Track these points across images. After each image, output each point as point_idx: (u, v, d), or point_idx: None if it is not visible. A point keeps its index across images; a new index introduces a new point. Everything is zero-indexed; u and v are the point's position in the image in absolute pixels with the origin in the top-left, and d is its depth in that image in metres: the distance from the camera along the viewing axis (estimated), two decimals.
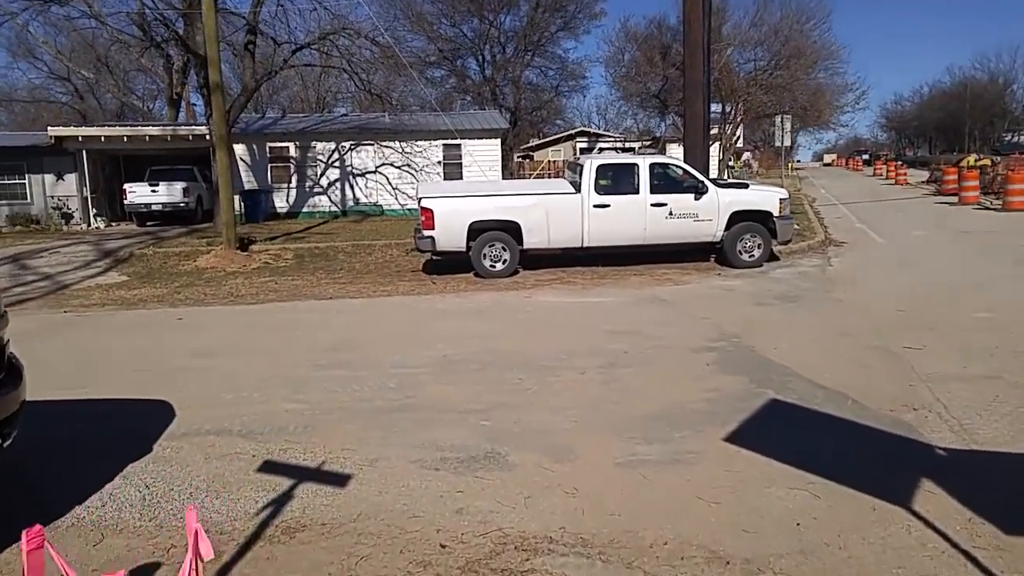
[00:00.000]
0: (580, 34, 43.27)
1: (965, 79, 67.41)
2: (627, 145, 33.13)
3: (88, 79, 31.67)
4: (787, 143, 26.19)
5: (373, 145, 23.71)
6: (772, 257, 11.83)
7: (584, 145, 36.71)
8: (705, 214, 11.36)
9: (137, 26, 18.02)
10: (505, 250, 11.32)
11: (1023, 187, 17.91)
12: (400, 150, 23.69)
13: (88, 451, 4.65)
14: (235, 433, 4.88)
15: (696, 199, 11.35)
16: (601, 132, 41.90)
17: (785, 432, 4.67)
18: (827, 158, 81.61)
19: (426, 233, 11.25)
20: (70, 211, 22.21)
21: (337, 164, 23.79)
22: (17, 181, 22.17)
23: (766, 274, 10.86)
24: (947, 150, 59.86)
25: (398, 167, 23.77)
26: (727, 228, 11.38)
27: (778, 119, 25.64)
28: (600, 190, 11.42)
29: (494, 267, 11.32)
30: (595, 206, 11.33)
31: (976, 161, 25.61)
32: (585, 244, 11.46)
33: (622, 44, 34.38)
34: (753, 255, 11.38)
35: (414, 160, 23.70)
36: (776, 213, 11.42)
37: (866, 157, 64.31)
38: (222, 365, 6.64)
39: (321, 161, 23.67)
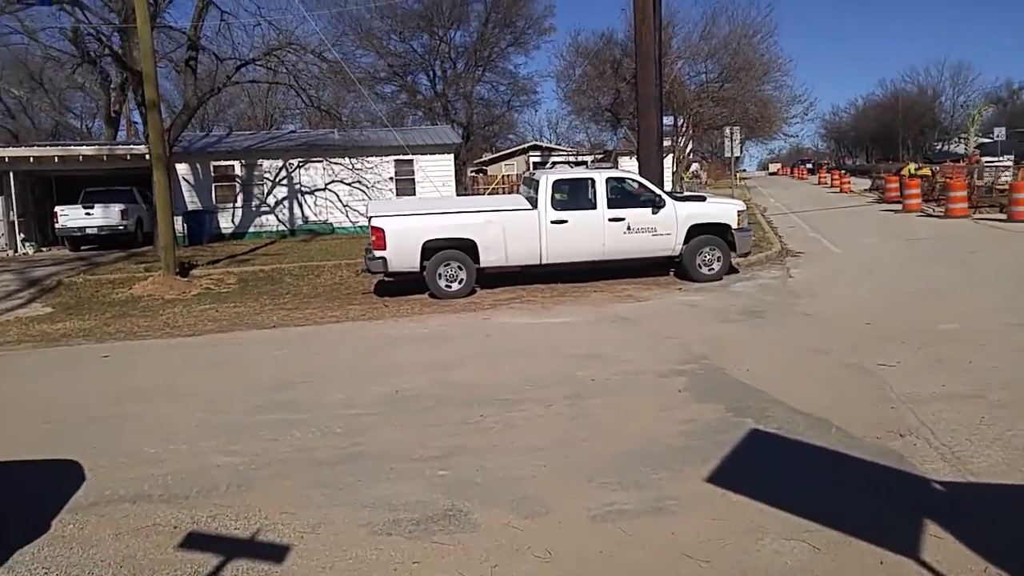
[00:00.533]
0: (530, 49, 43.40)
1: (896, 91, 69.85)
2: (580, 159, 33.05)
3: (19, 97, 30.10)
4: (737, 154, 26.38)
5: (322, 162, 23.01)
6: (732, 270, 11.62)
7: (537, 159, 36.58)
8: (663, 228, 11.08)
9: (70, 41, 17.02)
10: (461, 269, 10.83)
11: (963, 195, 18.38)
12: (350, 167, 23.03)
13: None
14: (156, 498, 4.26)
15: (654, 213, 11.08)
16: (554, 146, 41.91)
17: (771, 469, 4.28)
18: (772, 167, 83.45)
19: (377, 253, 10.69)
20: None
21: (285, 182, 23.00)
22: None
23: (727, 288, 10.61)
24: (883, 158, 61.75)
25: (348, 184, 23.10)
26: (686, 242, 11.13)
27: (727, 130, 25.84)
28: (557, 206, 11.07)
29: (450, 287, 10.81)
30: (552, 222, 10.97)
31: (916, 170, 26.23)
32: (544, 261, 11.06)
33: (572, 59, 34.38)
34: (713, 268, 11.14)
35: (365, 177, 23.07)
36: (735, 225, 11.23)
37: (810, 166, 65.89)
38: (148, 412, 5.97)
39: (268, 179, 22.86)
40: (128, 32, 16.75)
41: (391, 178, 23.34)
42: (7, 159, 20.25)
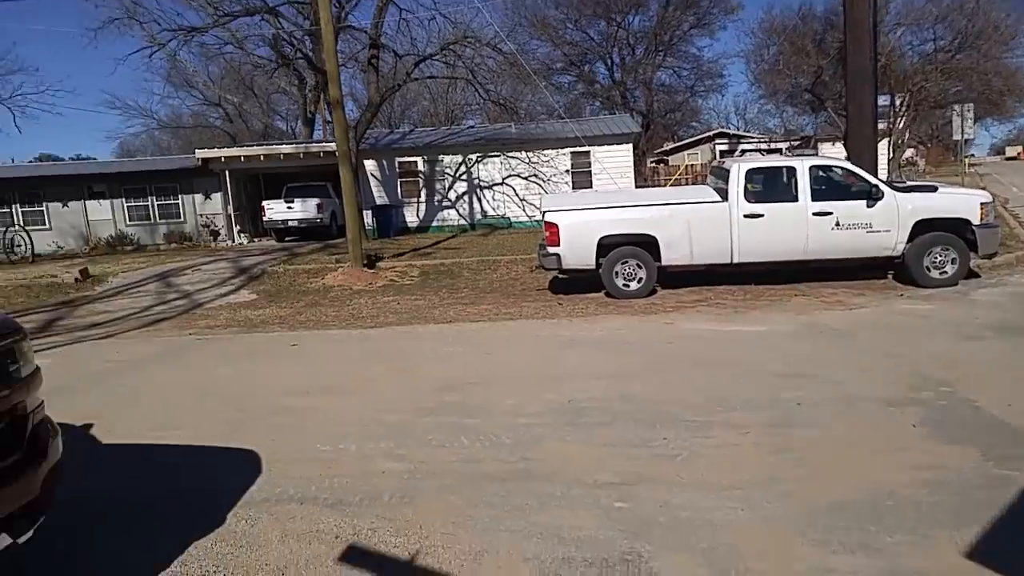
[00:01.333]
0: (716, 30, 40.92)
1: None
2: (772, 146, 30.52)
3: (235, 103, 33.75)
4: (969, 136, 22.62)
5: (500, 156, 23.22)
6: (970, 273, 9.81)
7: (724, 148, 34.44)
8: (881, 223, 9.60)
9: (270, 47, 18.62)
10: (640, 268, 10.13)
11: None
12: (527, 160, 23.03)
13: (151, 519, 4.01)
14: (321, 502, 4.11)
15: (869, 206, 9.62)
16: (742, 133, 39.35)
17: None
18: (1010, 151, 72.25)
19: (551, 250, 10.29)
20: (217, 228, 23.41)
21: (464, 177, 23.52)
22: (172, 201, 23.75)
23: (966, 296, 8.93)
24: None
25: (525, 178, 23.13)
26: (910, 240, 9.55)
27: (957, 108, 22.25)
28: (751, 197, 9.99)
29: (628, 287, 10.16)
30: (745, 216, 9.91)
31: None
32: (735, 260, 10.03)
33: (765, 37, 31.70)
34: (946, 272, 9.45)
35: (541, 170, 22.96)
36: (976, 221, 9.43)
37: None
38: (324, 405, 5.98)
39: (449, 174, 23.51)
40: (317, 35, 17.89)
41: (567, 171, 23.03)
42: (223, 159, 22.63)
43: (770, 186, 10.26)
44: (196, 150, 23.34)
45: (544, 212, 10.61)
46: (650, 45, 38.37)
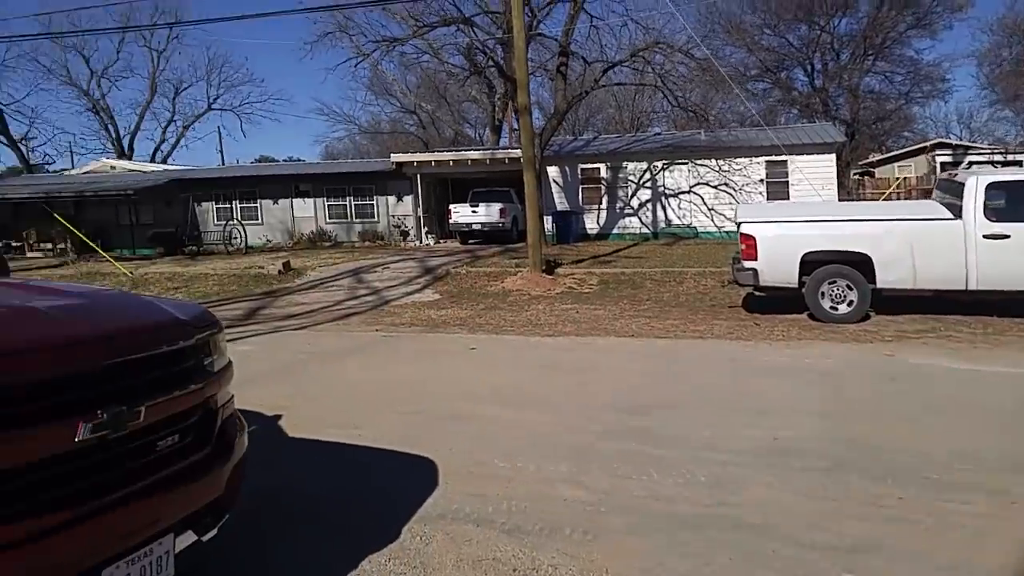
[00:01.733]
0: (939, 30, 36.47)
1: None
2: (1009, 158, 26.47)
3: (428, 111, 35.57)
4: None
5: (687, 164, 22.28)
6: None
7: (946, 159, 30.54)
8: None
9: (463, 56, 19.22)
10: (851, 289, 9.00)
11: None
12: (717, 168, 21.89)
13: (323, 526, 3.89)
14: (498, 526, 3.81)
15: None
16: (967, 143, 34.76)
17: None
18: None
19: (747, 264, 9.44)
20: (406, 229, 24.64)
21: (648, 184, 22.84)
22: (367, 202, 25.37)
23: None
24: None
25: (714, 187, 21.99)
26: None
27: None
28: (993, 216, 8.55)
29: (836, 309, 9.06)
30: (986, 237, 8.47)
31: None
32: (971, 287, 8.59)
33: (1004, 35, 27.66)
34: None
35: (732, 179, 21.70)
36: None
37: None
38: (500, 417, 5.74)
39: (632, 182, 22.95)
40: (509, 44, 18.18)
41: (761, 180, 21.58)
42: (415, 163, 23.77)
43: (1019, 203, 8.72)
44: (391, 154, 24.72)
45: (739, 223, 9.78)
46: (857, 49, 35.24)
